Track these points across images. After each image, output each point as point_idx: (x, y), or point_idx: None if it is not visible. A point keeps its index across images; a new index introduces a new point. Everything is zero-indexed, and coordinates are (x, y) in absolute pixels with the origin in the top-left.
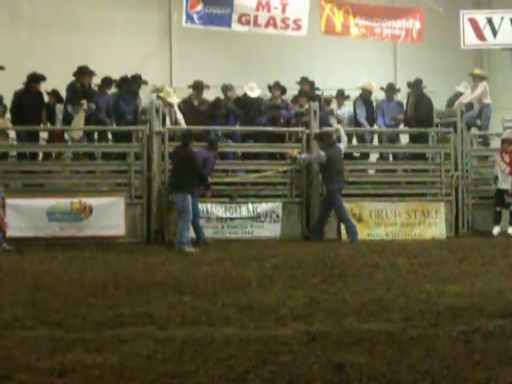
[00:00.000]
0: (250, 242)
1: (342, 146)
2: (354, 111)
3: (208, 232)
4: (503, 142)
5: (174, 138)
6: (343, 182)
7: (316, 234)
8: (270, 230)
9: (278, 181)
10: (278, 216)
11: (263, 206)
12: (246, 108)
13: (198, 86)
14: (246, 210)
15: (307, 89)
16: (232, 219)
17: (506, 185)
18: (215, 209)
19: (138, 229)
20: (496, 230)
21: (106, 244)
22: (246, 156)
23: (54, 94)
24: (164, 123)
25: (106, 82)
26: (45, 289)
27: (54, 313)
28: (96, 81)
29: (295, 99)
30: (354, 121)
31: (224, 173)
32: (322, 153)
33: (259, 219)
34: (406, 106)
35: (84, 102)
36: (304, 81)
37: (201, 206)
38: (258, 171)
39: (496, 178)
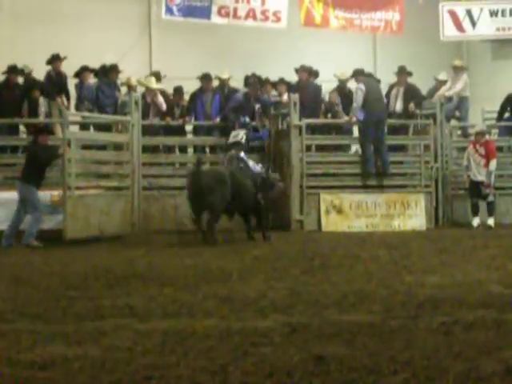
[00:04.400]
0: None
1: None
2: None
3: None
4: (477, 134)
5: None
6: (383, 112)
7: None
8: None
9: None
10: None
11: None
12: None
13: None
14: None
15: (304, 76)
16: None
17: (482, 177)
18: None
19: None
20: (476, 221)
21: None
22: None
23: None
24: (146, 115)
25: (84, 69)
26: (25, 282)
27: (34, 306)
28: (71, 70)
29: (274, 86)
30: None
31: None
32: (361, 85)
33: None
34: (388, 96)
35: (59, 101)
36: (302, 69)
37: None
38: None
39: (467, 167)
